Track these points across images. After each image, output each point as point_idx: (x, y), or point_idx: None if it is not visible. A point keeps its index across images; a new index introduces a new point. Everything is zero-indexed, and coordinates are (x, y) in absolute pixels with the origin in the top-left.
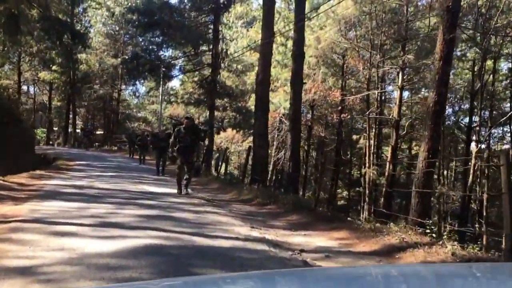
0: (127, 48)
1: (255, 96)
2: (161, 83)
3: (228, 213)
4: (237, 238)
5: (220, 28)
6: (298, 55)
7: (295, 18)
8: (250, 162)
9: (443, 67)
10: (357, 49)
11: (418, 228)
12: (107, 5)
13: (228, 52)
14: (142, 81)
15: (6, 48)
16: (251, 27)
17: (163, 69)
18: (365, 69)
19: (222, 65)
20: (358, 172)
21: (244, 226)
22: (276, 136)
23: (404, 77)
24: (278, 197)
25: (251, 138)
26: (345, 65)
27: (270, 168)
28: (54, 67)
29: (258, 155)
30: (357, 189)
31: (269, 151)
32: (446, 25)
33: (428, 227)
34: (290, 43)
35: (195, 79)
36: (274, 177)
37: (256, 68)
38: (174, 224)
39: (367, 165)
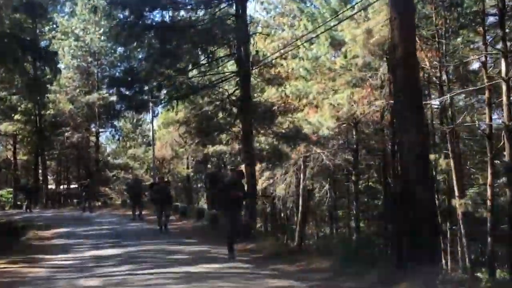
0: (104, 82)
1: (393, 85)
2: (151, 113)
3: None
4: None
5: (248, 21)
6: None
7: None
8: None
9: None
10: (418, 41)
11: None
12: (75, 34)
13: (260, 55)
14: (121, 120)
15: None
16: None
17: (152, 100)
18: (434, 65)
19: (254, 71)
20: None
21: None
22: None
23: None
24: None
25: (278, 174)
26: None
27: None
28: (16, 116)
29: (414, 200)
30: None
31: None
32: None
33: None
34: None
35: (211, 97)
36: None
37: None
38: None
39: (456, 193)
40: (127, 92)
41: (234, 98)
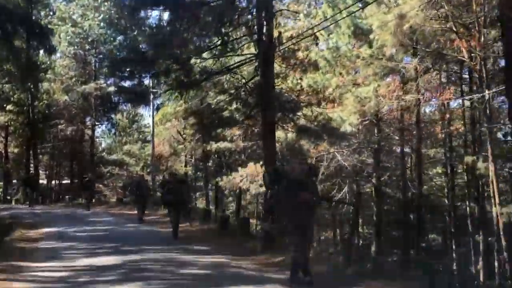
0: (102, 72)
1: (506, 58)
2: (152, 105)
3: None
4: None
5: None
6: None
7: None
8: None
9: None
10: (455, 29)
11: None
12: (73, 20)
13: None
14: (118, 113)
15: None
16: None
17: (153, 90)
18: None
19: (277, 55)
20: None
21: None
22: None
23: None
24: None
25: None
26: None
27: None
28: (8, 106)
29: None
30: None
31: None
32: None
33: None
34: None
35: (223, 86)
36: None
37: None
38: None
39: (496, 200)
40: (128, 80)
41: (251, 86)
